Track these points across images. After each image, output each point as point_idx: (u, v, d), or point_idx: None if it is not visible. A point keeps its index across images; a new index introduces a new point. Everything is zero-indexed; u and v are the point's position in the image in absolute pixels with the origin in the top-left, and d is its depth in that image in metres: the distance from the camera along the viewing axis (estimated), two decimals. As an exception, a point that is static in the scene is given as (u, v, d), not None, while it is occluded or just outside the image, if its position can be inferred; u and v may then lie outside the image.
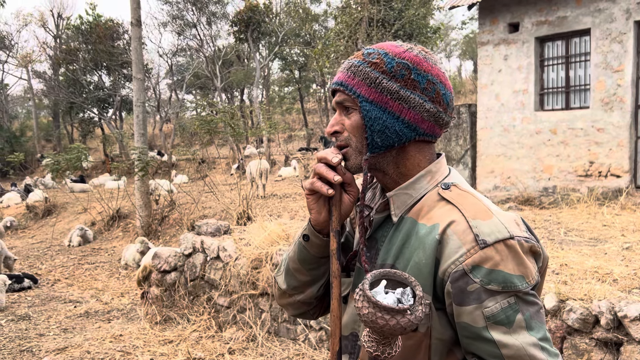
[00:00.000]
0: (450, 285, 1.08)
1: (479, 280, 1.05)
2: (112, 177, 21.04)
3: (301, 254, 1.31)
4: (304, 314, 1.45)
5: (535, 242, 1.12)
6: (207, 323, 5.29)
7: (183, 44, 29.14)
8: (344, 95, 1.20)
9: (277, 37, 24.49)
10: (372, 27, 11.20)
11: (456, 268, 1.07)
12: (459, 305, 1.07)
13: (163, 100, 31.88)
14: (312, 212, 1.24)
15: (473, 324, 1.07)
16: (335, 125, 1.22)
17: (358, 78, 1.18)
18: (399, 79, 1.17)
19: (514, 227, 1.10)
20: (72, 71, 26.97)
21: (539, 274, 1.12)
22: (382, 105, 1.17)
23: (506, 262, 1.05)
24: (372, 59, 1.18)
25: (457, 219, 1.11)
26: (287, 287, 1.39)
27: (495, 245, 1.06)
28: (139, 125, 11.78)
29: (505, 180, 9.37)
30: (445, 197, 1.16)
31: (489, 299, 1.05)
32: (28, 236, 13.40)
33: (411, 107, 1.17)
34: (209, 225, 6.12)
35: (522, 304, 1.06)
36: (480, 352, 1.08)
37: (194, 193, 13.23)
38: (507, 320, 1.05)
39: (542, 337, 1.06)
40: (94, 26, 25.36)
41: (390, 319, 0.89)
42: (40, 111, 38.84)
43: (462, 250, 1.07)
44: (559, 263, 4.19)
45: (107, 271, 9.24)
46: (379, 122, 1.16)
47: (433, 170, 1.22)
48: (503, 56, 9.32)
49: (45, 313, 6.59)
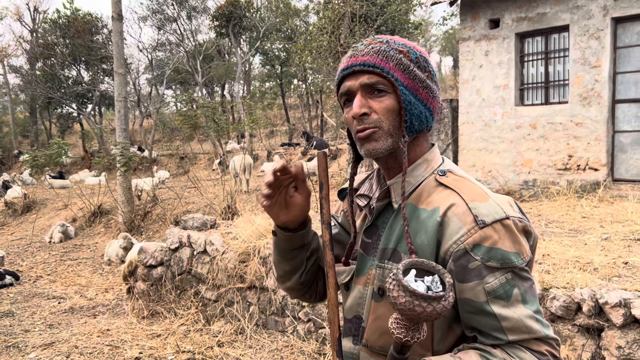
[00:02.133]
0: (453, 264, 1.15)
1: (479, 257, 1.12)
2: (92, 173, 20.83)
3: (276, 246, 1.43)
4: (301, 297, 1.54)
5: (527, 222, 1.20)
6: (194, 317, 5.31)
7: (163, 39, 28.87)
8: (378, 77, 1.21)
9: (258, 32, 24.40)
10: (354, 22, 11.25)
11: (458, 247, 1.14)
12: (461, 282, 1.14)
13: (143, 95, 31.57)
14: (271, 217, 1.35)
15: (475, 299, 1.13)
16: (363, 107, 1.22)
17: (392, 62, 1.21)
18: (423, 69, 1.24)
19: (508, 208, 1.18)
20: (50, 66, 26.54)
21: (531, 252, 1.20)
22: (414, 92, 1.22)
23: (503, 240, 1.13)
24: (397, 47, 1.23)
25: (457, 201, 1.17)
26: (277, 275, 1.52)
27: (493, 225, 1.13)
28: (121, 120, 11.70)
29: (486, 174, 9.51)
30: (443, 183, 1.23)
31: (489, 275, 1.12)
32: (7, 233, 13.21)
33: (433, 96, 1.26)
34: (195, 219, 6.14)
35: (517, 279, 1.14)
36: (481, 325, 1.15)
37: (177, 189, 13.19)
38: (506, 294, 1.12)
39: (536, 309, 1.14)
40: (72, 20, 24.96)
41: (427, 305, 0.95)
42: (16, 107, 38.18)
43: (463, 231, 1.14)
44: (542, 253, 4.30)
45: (90, 267, 9.19)
46: (416, 107, 1.22)
47: (429, 159, 1.29)
48: (484, 52, 9.44)
49: (29, 309, 6.55)
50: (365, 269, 1.29)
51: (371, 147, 1.23)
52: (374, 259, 1.27)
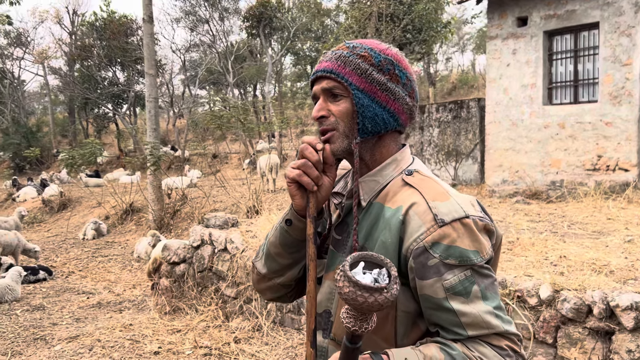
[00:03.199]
0: (413, 261, 1.18)
1: (438, 255, 1.15)
2: (126, 171, 21.31)
3: (283, 238, 1.39)
4: (281, 297, 1.52)
5: (489, 221, 1.22)
6: (214, 313, 5.41)
7: (196, 40, 29.32)
8: (335, 83, 1.27)
9: (288, 32, 24.56)
10: (381, 21, 11.24)
11: (417, 245, 1.17)
12: (421, 279, 1.17)
13: (177, 95, 32.14)
14: (295, 199, 1.30)
15: (434, 295, 1.16)
16: (321, 110, 1.29)
17: (349, 68, 1.27)
18: (385, 72, 1.27)
19: (469, 207, 1.21)
20: (87, 67, 27.28)
21: (492, 250, 1.22)
22: (372, 95, 1.26)
23: (462, 238, 1.16)
24: (360, 52, 1.28)
25: (418, 200, 1.21)
26: (267, 271, 1.46)
27: (452, 224, 1.16)
28: (152, 120, 11.95)
29: (513, 175, 9.39)
30: (408, 182, 1.26)
31: (448, 272, 1.15)
32: (44, 230, 13.66)
33: (396, 98, 1.28)
34: (217, 218, 6.25)
35: (477, 276, 1.17)
36: (441, 321, 1.18)
37: (206, 188, 13.40)
38: (465, 291, 1.15)
39: (496, 306, 1.17)
40: (108, 22, 25.60)
41: (369, 296, 0.98)
42: (56, 107, 39.33)
43: (423, 229, 1.17)
44: (558, 255, 4.25)
45: (120, 264, 9.42)
46: (370, 110, 1.26)
47: (398, 159, 1.32)
48: (511, 50, 9.32)
49: (59, 304, 6.77)
50: (334, 265, 1.33)
51: (331, 148, 1.28)
52: (343, 255, 1.30)
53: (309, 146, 1.26)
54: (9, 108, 30.35)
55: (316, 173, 1.26)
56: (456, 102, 12.19)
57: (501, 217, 6.42)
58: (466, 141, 11.75)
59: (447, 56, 39.83)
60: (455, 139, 11.91)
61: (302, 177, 1.26)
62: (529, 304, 3.47)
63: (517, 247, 4.62)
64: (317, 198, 1.29)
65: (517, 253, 4.46)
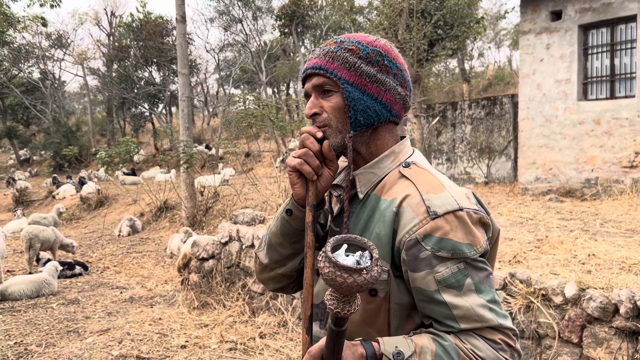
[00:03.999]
0: (405, 253, 1.18)
1: (429, 247, 1.15)
2: (161, 170, 21.71)
3: (284, 228, 1.40)
4: (284, 287, 1.53)
5: (484, 214, 1.21)
6: (241, 308, 5.48)
7: (229, 39, 29.64)
8: (324, 79, 1.28)
9: (321, 31, 24.59)
10: (412, 17, 11.15)
11: (409, 237, 1.17)
12: (413, 272, 1.17)
13: (211, 95, 32.56)
14: (295, 187, 1.32)
15: (426, 288, 1.16)
16: (313, 108, 1.30)
17: (337, 62, 1.27)
18: (374, 64, 1.27)
19: (464, 200, 1.20)
20: (124, 67, 27.89)
21: (488, 243, 1.21)
22: (362, 87, 1.26)
23: (455, 231, 1.15)
24: (347, 46, 1.28)
25: (412, 192, 1.21)
26: (269, 261, 1.47)
27: (445, 217, 1.16)
28: (185, 119, 12.14)
29: (547, 172, 9.20)
30: (404, 174, 1.26)
31: (440, 264, 1.15)
32: (81, 226, 14.04)
33: (387, 89, 1.28)
34: (245, 214, 6.32)
35: (471, 269, 1.16)
36: (434, 313, 1.18)
37: (238, 185, 13.55)
38: (457, 284, 1.15)
39: (491, 299, 1.16)
40: (144, 23, 26.10)
41: (347, 277, 0.98)
42: (95, 107, 40.32)
43: (415, 221, 1.17)
44: (587, 253, 4.15)
45: (154, 260, 9.62)
46: (361, 103, 1.26)
47: (396, 151, 1.32)
48: (545, 45, 9.12)
49: (93, 298, 6.96)
50: None
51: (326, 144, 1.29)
52: None
53: (309, 136, 1.28)
54: (50, 108, 31.27)
55: (317, 162, 1.27)
56: (489, 98, 12.00)
57: (531, 215, 6.31)
58: (499, 138, 11.56)
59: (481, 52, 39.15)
60: (488, 136, 11.74)
61: (303, 165, 1.27)
62: (554, 303, 3.40)
63: (545, 245, 4.53)
64: (317, 187, 1.30)
65: (544, 251, 4.38)
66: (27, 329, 5.58)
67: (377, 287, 1.23)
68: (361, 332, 1.25)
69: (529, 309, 3.47)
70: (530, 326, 3.46)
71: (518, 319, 3.48)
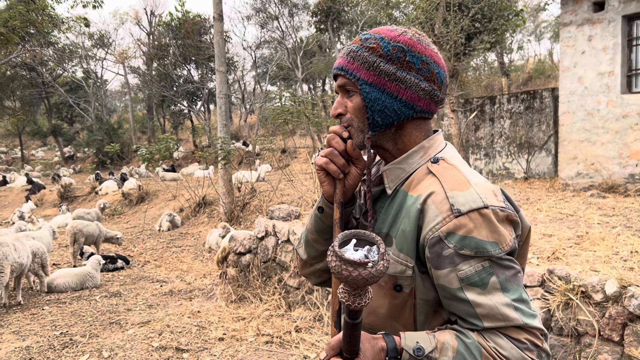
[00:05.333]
0: (428, 250, 1.19)
1: (452, 245, 1.15)
2: (200, 166, 22.07)
3: (317, 224, 1.43)
4: (325, 282, 1.57)
5: (511, 212, 1.19)
6: (277, 302, 5.55)
7: (266, 37, 29.84)
8: (345, 79, 1.30)
9: (357, 26, 24.51)
10: (448, 11, 11.01)
11: (433, 235, 1.17)
12: (436, 269, 1.18)
13: (248, 92, 32.87)
14: (324, 186, 1.34)
15: (449, 285, 1.17)
16: (338, 108, 1.33)
17: (357, 62, 1.28)
18: (395, 61, 1.26)
19: (490, 197, 1.18)
20: (164, 66, 28.42)
21: (516, 241, 1.20)
22: (381, 87, 1.26)
23: (479, 229, 1.14)
24: (369, 44, 1.28)
25: (437, 189, 1.21)
26: (307, 257, 1.51)
27: (469, 214, 1.15)
28: (222, 116, 12.31)
29: (588, 167, 8.97)
30: (431, 170, 1.26)
31: (463, 262, 1.15)
32: (123, 221, 14.41)
33: (407, 87, 1.26)
34: (281, 210, 6.38)
35: (497, 267, 1.15)
36: (457, 311, 1.18)
37: (274, 181, 13.67)
38: (481, 282, 1.14)
39: (517, 298, 1.15)
40: (182, 22, 26.53)
41: (353, 270, 1.00)
42: (136, 105, 41.23)
43: (439, 219, 1.17)
44: (630, 250, 4.05)
45: (192, 254, 9.81)
46: (379, 103, 1.26)
47: (426, 146, 1.32)
48: (587, 37, 8.88)
49: (134, 291, 7.15)
50: None
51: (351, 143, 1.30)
52: None
53: (335, 135, 1.30)
54: (92, 106, 32.12)
55: (342, 161, 1.29)
56: (529, 92, 11.76)
57: (572, 211, 6.17)
58: (539, 133, 11.32)
59: (520, 45, 38.31)
60: (527, 131, 11.51)
61: (329, 164, 1.30)
62: (594, 300, 3.33)
63: (585, 242, 4.43)
64: (344, 185, 1.32)
65: (585, 247, 4.28)
66: (72, 320, 5.78)
67: (402, 283, 1.24)
68: (388, 327, 1.27)
69: (567, 306, 3.41)
70: (569, 324, 3.40)
71: (556, 316, 3.42)
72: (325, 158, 1.30)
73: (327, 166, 1.30)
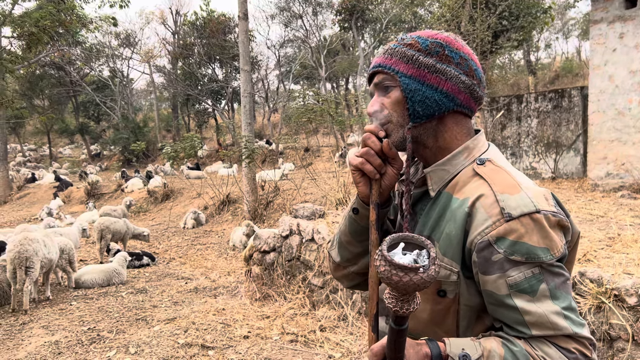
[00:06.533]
0: (476, 255, 1.15)
1: (502, 251, 1.11)
2: (224, 164, 22.21)
3: (352, 226, 1.40)
4: (358, 285, 1.53)
5: (562, 217, 1.15)
6: (301, 301, 5.54)
7: (290, 35, 29.88)
8: (383, 75, 1.28)
9: (381, 24, 24.40)
10: (475, 8, 10.88)
11: (482, 239, 1.13)
12: (484, 274, 1.14)
13: (272, 91, 32.98)
14: (359, 186, 1.31)
15: (497, 291, 1.13)
16: (374, 105, 1.29)
17: (395, 58, 1.27)
18: (434, 55, 1.25)
19: (542, 202, 1.14)
20: (189, 65, 28.66)
21: (566, 247, 1.16)
22: (421, 79, 1.24)
23: (531, 234, 1.10)
24: (407, 41, 1.27)
25: (486, 192, 1.17)
26: (340, 259, 1.48)
27: (520, 219, 1.11)
28: (246, 114, 12.36)
29: (618, 167, 8.78)
30: (478, 173, 1.22)
31: (512, 268, 1.11)
32: (148, 219, 14.57)
33: (448, 78, 1.24)
34: (305, 208, 6.37)
35: (547, 274, 1.11)
36: (504, 318, 1.14)
37: (297, 180, 13.68)
38: (531, 289, 1.10)
39: (567, 306, 1.11)
40: (207, 21, 26.70)
41: (403, 275, 0.97)
42: (161, 103, 41.69)
43: (488, 223, 1.13)
44: (664, 252, 3.94)
45: (217, 252, 9.87)
46: (419, 94, 1.23)
47: (470, 147, 1.28)
48: (618, 34, 8.69)
49: (160, 287, 7.21)
50: None
51: (389, 141, 1.27)
52: None
53: (371, 135, 1.26)
54: (119, 105, 32.54)
55: (379, 161, 1.26)
56: (557, 91, 11.56)
57: (602, 212, 6.05)
58: (567, 132, 11.12)
59: (548, 43, 37.72)
60: (555, 130, 11.32)
61: (365, 165, 1.26)
62: (628, 304, 3.25)
63: (617, 244, 4.33)
64: (380, 186, 1.29)
65: (617, 250, 4.18)
66: (99, 316, 5.85)
67: (446, 289, 1.21)
68: (429, 332, 1.24)
69: (599, 309, 3.33)
70: (601, 327, 3.32)
71: (588, 319, 3.35)
72: (360, 158, 1.27)
73: (363, 166, 1.26)
